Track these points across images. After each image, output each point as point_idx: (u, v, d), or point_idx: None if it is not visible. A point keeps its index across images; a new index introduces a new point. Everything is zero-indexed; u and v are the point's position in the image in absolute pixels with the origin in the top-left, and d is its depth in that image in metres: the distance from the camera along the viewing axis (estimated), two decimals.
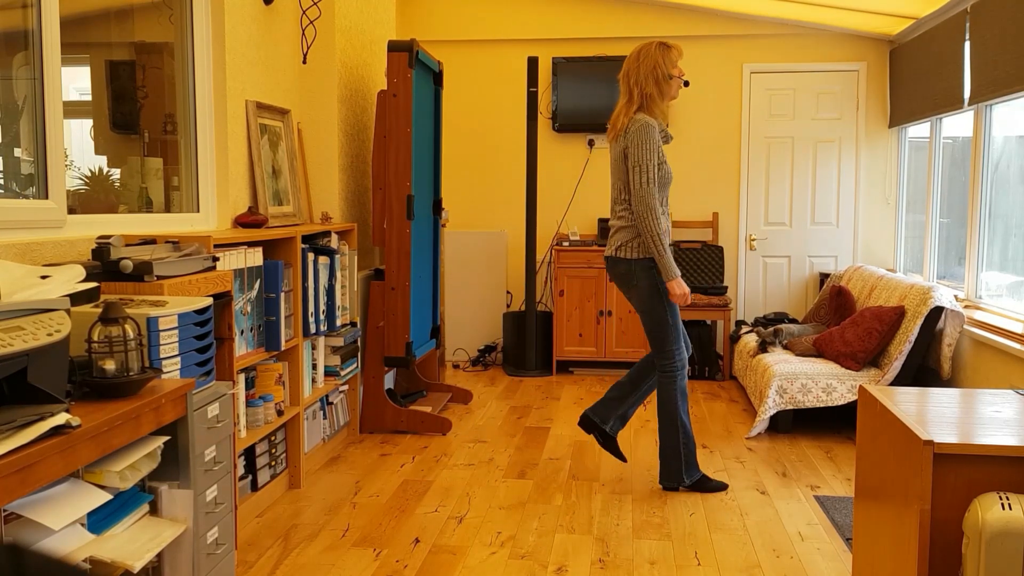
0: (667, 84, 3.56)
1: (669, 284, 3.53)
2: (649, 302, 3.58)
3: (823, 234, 6.43)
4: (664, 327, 3.59)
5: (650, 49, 3.56)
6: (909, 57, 5.76)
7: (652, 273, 3.56)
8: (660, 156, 3.53)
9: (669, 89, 3.58)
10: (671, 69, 3.56)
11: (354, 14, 4.73)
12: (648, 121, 3.51)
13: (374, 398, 4.59)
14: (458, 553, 3.07)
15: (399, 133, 4.41)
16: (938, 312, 4.41)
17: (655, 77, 3.54)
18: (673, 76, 3.57)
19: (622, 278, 3.63)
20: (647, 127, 3.49)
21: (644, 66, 3.55)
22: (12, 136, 2.53)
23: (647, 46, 3.57)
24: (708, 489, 3.72)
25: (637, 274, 3.57)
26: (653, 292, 3.57)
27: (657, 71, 3.54)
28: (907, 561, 1.96)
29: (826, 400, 4.52)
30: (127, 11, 3.22)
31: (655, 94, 3.56)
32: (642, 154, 3.48)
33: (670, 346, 3.61)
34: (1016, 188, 4.41)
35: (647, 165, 3.48)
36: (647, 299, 3.58)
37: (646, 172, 3.48)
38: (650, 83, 3.55)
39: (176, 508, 2.04)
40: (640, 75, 3.56)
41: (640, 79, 3.56)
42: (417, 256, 4.73)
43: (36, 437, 1.57)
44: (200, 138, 3.54)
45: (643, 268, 3.57)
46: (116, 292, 2.41)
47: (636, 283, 3.58)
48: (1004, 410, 2.17)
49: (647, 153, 3.48)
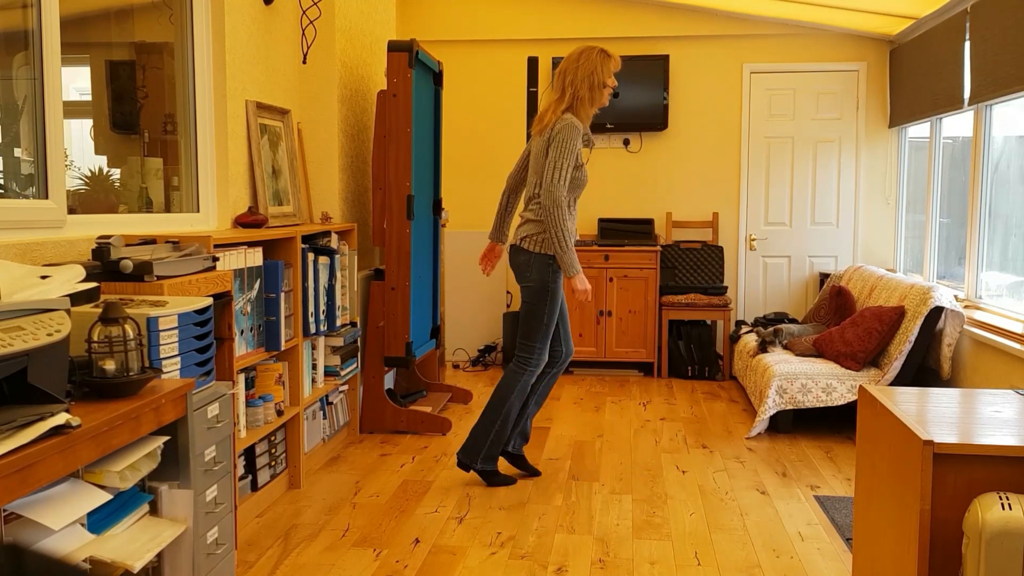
0: (600, 91, 3.65)
1: (572, 280, 3.61)
2: (534, 297, 3.67)
3: (823, 234, 6.43)
4: (537, 324, 3.68)
5: (592, 54, 3.64)
6: (909, 57, 5.76)
7: (547, 270, 3.64)
8: (578, 159, 3.61)
9: (601, 96, 3.66)
10: (606, 78, 3.64)
11: (354, 14, 4.73)
12: (574, 123, 3.58)
13: (374, 398, 4.59)
14: (458, 553, 3.07)
15: (399, 133, 4.41)
16: (938, 312, 4.41)
17: (590, 82, 3.62)
18: (607, 85, 3.66)
19: (518, 268, 3.72)
20: (572, 128, 3.57)
21: (582, 69, 3.63)
22: (12, 136, 2.53)
23: (589, 50, 3.65)
24: (494, 482, 3.79)
25: (533, 267, 3.66)
26: (542, 288, 3.65)
27: (593, 77, 3.62)
28: (907, 561, 1.96)
29: (826, 400, 4.52)
30: (127, 11, 3.22)
31: (586, 98, 3.64)
32: (561, 153, 3.55)
33: (534, 343, 3.70)
34: (1016, 188, 4.41)
35: (563, 164, 3.55)
36: (533, 293, 3.67)
37: (560, 171, 3.55)
38: (584, 87, 3.62)
39: (176, 508, 2.04)
40: (576, 76, 3.63)
41: (576, 80, 3.63)
42: (417, 256, 4.73)
43: (36, 437, 1.57)
44: (200, 138, 3.54)
45: (539, 263, 3.64)
46: (116, 292, 2.41)
47: (529, 275, 3.67)
48: (1004, 410, 2.17)
49: (566, 153, 3.55)
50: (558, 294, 3.69)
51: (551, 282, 3.64)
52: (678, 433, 4.66)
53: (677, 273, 6.28)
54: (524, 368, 3.72)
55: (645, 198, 6.55)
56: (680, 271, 6.28)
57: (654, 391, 5.70)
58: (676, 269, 6.28)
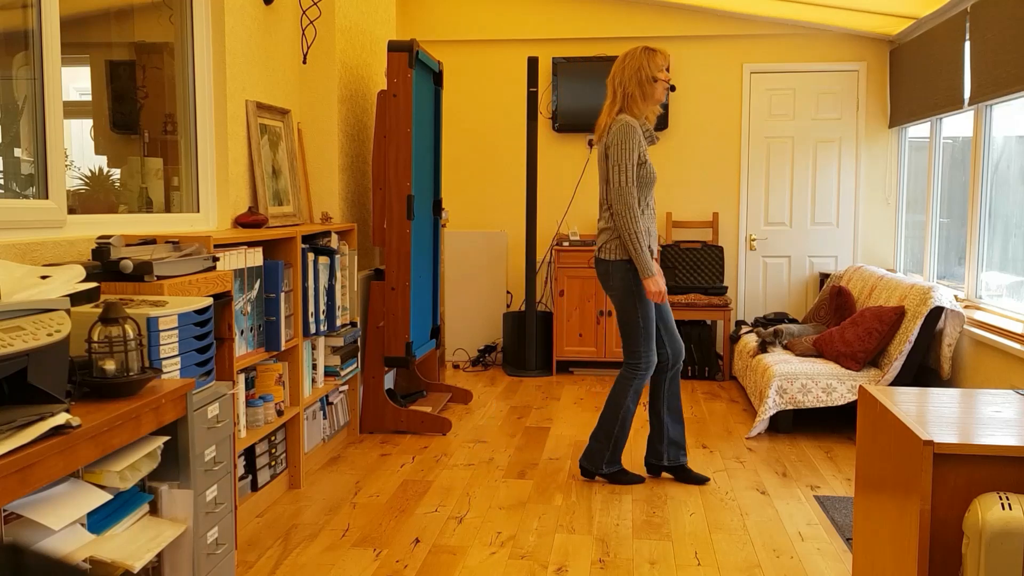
0: (651, 86, 3.62)
1: (645, 282, 3.60)
2: (623, 303, 3.67)
3: (823, 234, 6.43)
4: (635, 328, 3.67)
5: (636, 52, 3.65)
6: (909, 57, 5.76)
7: (628, 275, 3.64)
8: (641, 156, 3.60)
9: (653, 91, 3.64)
10: (656, 72, 3.62)
11: (354, 14, 4.73)
12: (629, 121, 3.58)
13: (374, 398, 4.59)
14: (458, 553, 3.07)
15: (399, 133, 4.41)
16: (938, 312, 4.41)
17: (638, 79, 3.61)
18: (658, 79, 3.63)
19: (602, 278, 3.73)
20: (628, 127, 3.56)
21: (628, 68, 3.63)
22: (12, 136, 2.53)
23: (633, 50, 3.66)
24: (624, 481, 3.80)
25: (613, 274, 3.66)
26: (627, 293, 3.65)
27: (641, 73, 3.61)
28: (907, 561, 1.96)
29: (826, 400, 4.52)
30: (127, 11, 3.22)
31: (637, 95, 3.62)
32: (621, 153, 3.55)
33: (637, 347, 3.69)
34: (1016, 188, 4.41)
35: (626, 164, 3.54)
36: (621, 299, 3.67)
37: (624, 171, 3.54)
38: (632, 84, 3.62)
39: (176, 508, 2.04)
40: (624, 76, 3.64)
41: (624, 80, 3.64)
42: (417, 256, 4.73)
43: (36, 437, 1.57)
44: (200, 138, 3.54)
45: (619, 269, 3.64)
46: (116, 292, 2.41)
47: (612, 283, 3.68)
48: (1004, 410, 2.17)
49: (626, 152, 3.55)
50: (645, 293, 3.65)
51: (635, 285, 3.63)
52: None
53: (677, 273, 6.28)
54: (635, 372, 3.70)
55: None
56: (680, 271, 6.28)
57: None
58: (676, 269, 6.28)
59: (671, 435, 3.84)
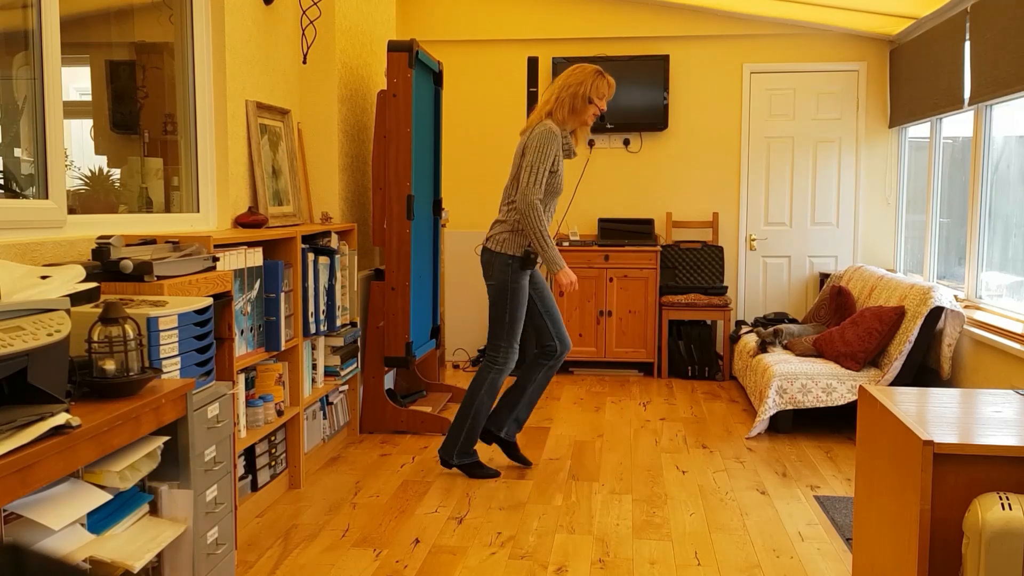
0: (582, 104, 3.72)
1: (557, 276, 3.71)
2: (497, 296, 3.78)
3: (823, 234, 6.43)
4: (501, 323, 3.78)
5: (587, 69, 3.74)
6: (909, 57, 5.76)
7: (507, 270, 3.73)
8: (554, 164, 3.68)
9: (582, 110, 3.73)
10: (594, 95, 3.71)
11: (354, 14, 4.73)
12: (552, 128, 3.67)
13: (374, 398, 4.59)
14: (458, 553, 3.07)
15: (399, 133, 4.41)
16: (938, 312, 4.41)
17: (574, 92, 3.71)
18: (592, 101, 3.72)
19: (484, 268, 3.82)
20: (549, 133, 3.65)
21: (573, 78, 3.73)
22: (12, 136, 2.53)
23: (586, 66, 3.76)
24: (476, 474, 3.87)
25: (494, 266, 3.75)
26: (503, 288, 3.75)
27: (580, 88, 3.70)
28: (907, 561, 1.96)
29: (826, 400, 4.52)
30: (127, 11, 3.22)
31: (567, 107, 3.72)
32: (536, 156, 3.64)
33: (499, 341, 3.80)
34: (1016, 188, 4.41)
35: (538, 167, 3.64)
36: (496, 293, 3.77)
37: (535, 173, 3.63)
38: (567, 93, 3.72)
39: (176, 508, 2.04)
40: (565, 83, 3.73)
41: (562, 87, 3.73)
42: (417, 256, 4.73)
43: (36, 437, 1.57)
44: (200, 138, 3.54)
45: (500, 263, 3.74)
46: (116, 292, 2.41)
47: (491, 274, 3.77)
48: (1004, 410, 2.17)
49: (541, 156, 3.64)
50: (520, 292, 3.75)
51: (511, 281, 3.73)
52: (678, 433, 4.66)
53: (677, 273, 6.28)
54: (491, 367, 3.81)
55: (645, 198, 6.56)
56: (680, 271, 6.28)
57: (654, 391, 5.70)
58: (676, 269, 6.28)
59: (519, 415, 3.94)
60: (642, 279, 6.05)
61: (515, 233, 3.73)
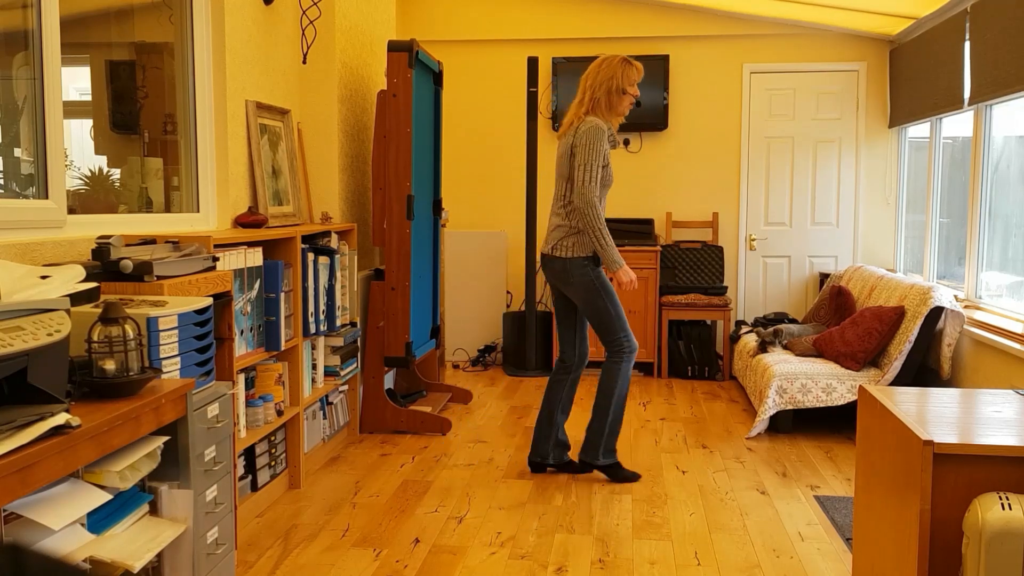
0: (618, 98, 3.71)
1: (616, 274, 3.68)
2: (589, 297, 3.73)
3: (823, 234, 6.43)
4: (607, 317, 3.73)
5: (613, 61, 3.72)
6: (909, 57, 5.76)
7: (586, 270, 3.70)
8: (605, 158, 3.68)
9: (619, 103, 3.73)
10: (626, 85, 3.70)
11: (354, 14, 4.73)
12: (598, 123, 3.66)
13: (374, 398, 4.59)
14: (458, 553, 3.07)
15: (399, 133, 4.41)
16: (938, 312, 4.41)
17: (608, 87, 3.70)
18: (627, 92, 3.71)
19: (558, 276, 3.76)
20: (597, 129, 3.64)
21: (602, 74, 3.71)
22: (12, 136, 2.53)
23: (611, 58, 3.73)
24: (619, 478, 3.84)
25: (572, 273, 3.72)
26: (589, 287, 3.71)
27: (612, 83, 3.69)
28: (907, 561, 1.96)
29: (826, 400, 4.52)
30: (127, 11, 3.22)
31: (604, 103, 3.71)
32: (588, 154, 3.63)
33: (616, 334, 3.75)
34: (1016, 188, 4.41)
35: (592, 164, 3.63)
36: (585, 294, 3.73)
37: (590, 171, 3.62)
38: (602, 91, 3.70)
39: (176, 508, 2.04)
40: (596, 81, 3.72)
41: (595, 85, 3.72)
42: (417, 256, 4.73)
43: (36, 437, 1.57)
44: (200, 138, 3.54)
45: (577, 266, 3.71)
46: (116, 292, 2.41)
47: (572, 280, 3.73)
48: (1004, 410, 2.17)
49: (594, 153, 3.63)
50: (607, 283, 3.74)
51: (595, 279, 3.71)
52: (678, 433, 4.66)
53: (677, 273, 6.28)
54: (620, 358, 3.77)
55: (645, 198, 6.56)
56: (680, 271, 6.28)
57: (654, 391, 5.70)
58: (676, 269, 6.28)
59: (560, 436, 3.92)
60: (642, 279, 6.05)
61: (581, 234, 3.70)
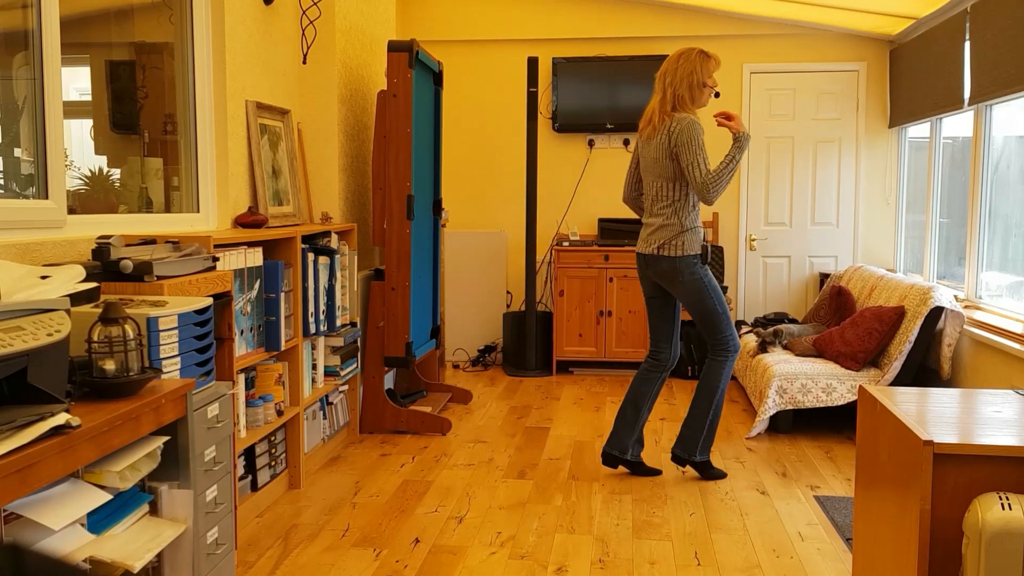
0: (699, 91, 3.69)
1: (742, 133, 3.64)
2: (697, 295, 3.72)
3: (823, 234, 6.43)
4: (714, 315, 3.74)
5: (691, 55, 3.69)
6: (909, 57, 5.76)
7: (695, 269, 3.70)
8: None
9: (700, 96, 3.70)
10: (705, 78, 3.68)
11: (354, 14, 4.73)
12: (690, 118, 3.64)
13: (374, 398, 4.59)
14: (458, 553, 3.07)
15: (399, 133, 4.41)
16: (938, 312, 4.41)
17: (689, 82, 3.67)
18: (706, 85, 3.69)
19: (666, 276, 3.75)
20: (694, 125, 3.63)
21: (682, 69, 3.68)
22: (12, 136, 2.53)
23: (688, 51, 3.70)
24: (709, 475, 3.86)
25: (682, 271, 3.70)
26: (698, 285, 3.71)
27: (692, 77, 3.67)
28: (907, 561, 1.96)
29: (826, 400, 4.52)
30: (127, 11, 3.22)
31: (687, 98, 3.68)
32: (693, 152, 3.61)
33: (722, 332, 3.76)
34: (1016, 188, 4.41)
35: (699, 159, 3.61)
36: (694, 292, 3.72)
37: (699, 167, 3.61)
38: (683, 87, 3.67)
39: (176, 508, 2.04)
40: (676, 77, 3.68)
41: (675, 81, 3.68)
42: (417, 256, 4.73)
43: (36, 437, 1.57)
44: (200, 138, 3.54)
45: (687, 266, 3.70)
46: (116, 292, 2.41)
47: (682, 279, 3.71)
48: (1004, 410, 2.17)
49: (696, 148, 3.61)
50: (714, 282, 3.74)
51: (702, 276, 3.71)
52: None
53: None
54: (725, 356, 3.78)
55: None
56: None
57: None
58: None
59: (640, 433, 3.91)
60: None
61: (687, 232, 3.69)
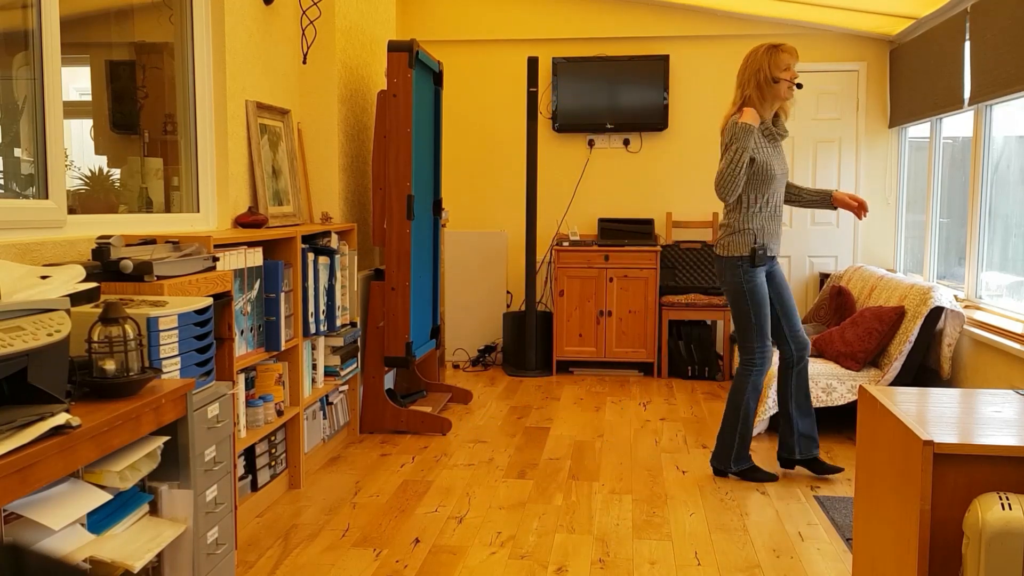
0: (770, 87, 3.66)
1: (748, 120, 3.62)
2: (733, 297, 3.75)
3: (823, 234, 6.43)
4: (747, 323, 3.74)
5: (757, 52, 3.68)
6: (909, 57, 5.76)
7: (738, 272, 3.70)
8: (752, 152, 3.65)
9: (776, 91, 3.66)
10: (776, 72, 3.64)
11: (354, 14, 4.73)
12: (735, 120, 3.65)
13: (374, 398, 4.59)
14: (458, 553, 3.07)
15: (399, 133, 4.41)
16: (938, 312, 4.41)
17: (757, 80, 3.66)
18: (780, 79, 3.64)
19: (718, 274, 3.82)
20: (730, 127, 3.65)
21: (749, 68, 3.68)
22: (12, 136, 2.53)
23: (756, 48, 3.70)
24: (757, 478, 3.85)
25: (726, 272, 3.75)
26: (738, 288, 3.72)
27: (760, 74, 3.65)
28: (907, 561, 1.96)
29: (826, 400, 4.51)
30: (127, 11, 3.22)
31: (755, 97, 3.67)
32: (722, 151, 3.68)
33: (751, 342, 3.76)
34: (1016, 188, 4.41)
35: (723, 163, 3.64)
36: (734, 297, 3.75)
37: (721, 172, 3.65)
38: (751, 85, 3.67)
39: (176, 508, 2.04)
40: (744, 77, 3.70)
41: (743, 81, 3.70)
42: (417, 256, 4.73)
43: (36, 437, 1.57)
44: (200, 138, 3.54)
45: (730, 267, 3.72)
46: (116, 292, 2.41)
47: (725, 280, 3.77)
48: (1004, 410, 2.17)
49: (724, 149, 3.66)
50: (757, 290, 3.70)
51: (745, 282, 3.70)
52: (678, 433, 4.66)
53: (677, 273, 6.28)
54: (750, 369, 3.77)
55: (645, 198, 6.55)
56: (680, 271, 6.28)
57: (654, 391, 5.70)
58: (676, 269, 6.28)
59: (801, 429, 3.87)
60: (642, 279, 6.05)
61: (737, 233, 3.70)
